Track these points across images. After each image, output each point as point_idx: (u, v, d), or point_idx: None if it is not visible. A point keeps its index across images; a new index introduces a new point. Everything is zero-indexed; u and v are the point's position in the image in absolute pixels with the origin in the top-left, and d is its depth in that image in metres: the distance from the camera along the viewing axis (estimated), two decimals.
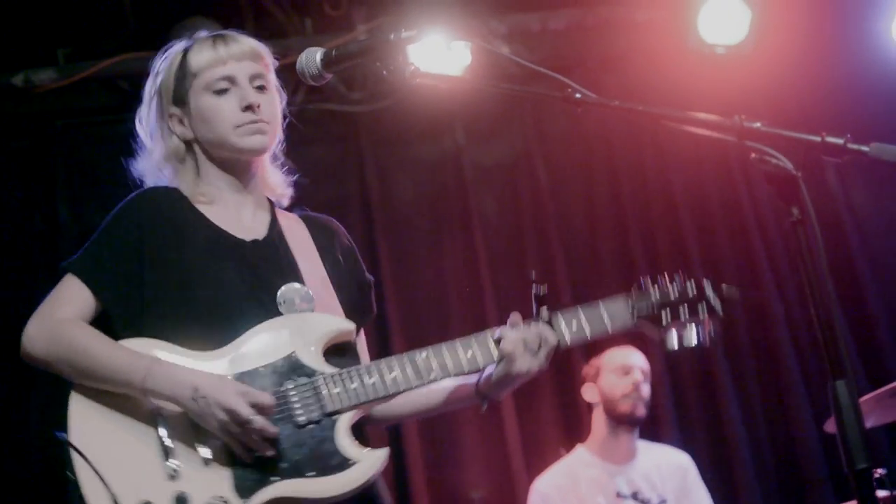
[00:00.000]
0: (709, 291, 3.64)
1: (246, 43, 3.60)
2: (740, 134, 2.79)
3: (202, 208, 3.55)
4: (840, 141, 2.68)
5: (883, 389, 5.16)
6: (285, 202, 3.76)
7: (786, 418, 7.47)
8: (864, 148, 2.66)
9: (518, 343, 3.37)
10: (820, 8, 7.59)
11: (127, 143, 3.75)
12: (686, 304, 3.62)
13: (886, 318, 7.62)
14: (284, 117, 3.68)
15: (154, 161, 3.64)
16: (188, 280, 3.38)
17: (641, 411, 6.49)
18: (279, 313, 3.40)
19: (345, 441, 3.27)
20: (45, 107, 7.06)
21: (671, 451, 6.70)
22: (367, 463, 3.27)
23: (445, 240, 7.60)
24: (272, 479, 3.20)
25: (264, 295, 3.42)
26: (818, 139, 2.69)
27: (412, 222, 7.62)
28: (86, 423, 3.25)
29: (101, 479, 3.11)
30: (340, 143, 7.65)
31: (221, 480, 3.19)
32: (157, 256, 3.40)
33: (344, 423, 3.30)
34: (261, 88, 3.57)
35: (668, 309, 3.61)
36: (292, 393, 3.28)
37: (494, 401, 3.51)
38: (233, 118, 3.50)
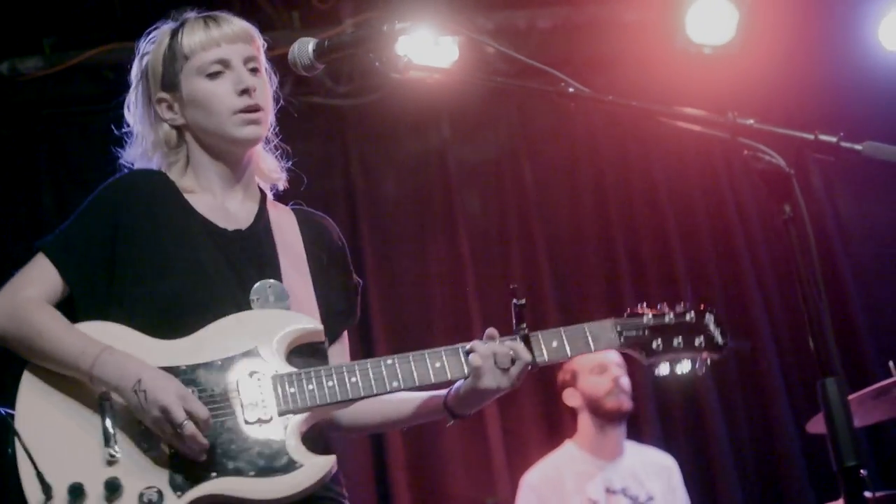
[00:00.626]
0: (711, 326, 3.47)
1: (237, 24, 3.50)
2: (733, 130, 2.78)
3: (188, 196, 3.45)
4: (833, 139, 2.68)
5: (865, 391, 5.17)
6: (281, 185, 3.68)
7: (767, 419, 7.49)
8: (858, 146, 2.66)
9: (487, 358, 3.23)
10: (807, 8, 7.61)
11: (112, 133, 3.65)
12: (682, 336, 3.45)
13: (867, 321, 7.65)
14: (276, 101, 3.60)
15: (143, 149, 3.54)
16: (160, 267, 3.30)
17: (627, 404, 6.51)
18: (250, 308, 3.32)
19: (292, 443, 3.15)
20: (30, 96, 7.03)
21: (657, 453, 6.72)
22: (315, 469, 3.14)
23: (429, 235, 7.60)
24: (211, 474, 3.11)
25: (237, 288, 3.33)
26: (811, 137, 2.69)
27: (397, 217, 7.62)
28: (33, 402, 3.22)
29: (30, 457, 3.07)
30: (326, 138, 7.63)
31: (159, 472, 3.11)
32: (132, 241, 3.32)
33: (295, 424, 3.18)
34: (254, 71, 3.47)
35: (661, 337, 3.44)
36: (246, 389, 3.18)
37: (461, 416, 3.38)
38: (229, 102, 3.40)
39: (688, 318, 3.46)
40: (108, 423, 3.14)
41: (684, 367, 3.43)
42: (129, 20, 6.76)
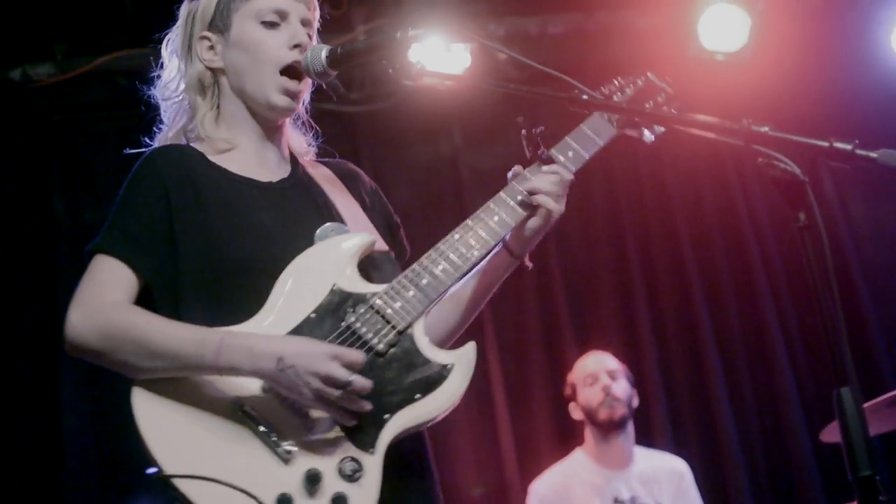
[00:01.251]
0: (658, 81, 3.85)
1: None
2: (748, 138, 2.77)
3: (221, 160, 3.32)
4: (848, 147, 2.65)
5: (880, 399, 5.15)
6: (308, 158, 3.58)
7: (780, 428, 7.47)
8: (873, 154, 2.63)
9: (550, 193, 3.40)
10: (819, 16, 7.60)
11: (124, 139, 3.56)
12: (648, 100, 3.76)
13: (882, 329, 7.62)
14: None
15: (172, 89, 3.43)
16: (221, 234, 3.14)
17: (620, 412, 6.47)
18: None
19: (430, 351, 3.08)
20: (41, 102, 7.03)
21: (668, 457, 6.69)
22: (465, 361, 3.08)
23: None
24: (384, 417, 2.97)
25: (301, 238, 3.20)
26: (826, 144, 2.67)
27: (408, 225, 7.55)
28: (166, 429, 2.92)
29: (237, 487, 2.81)
30: (337, 145, 7.58)
31: (336, 442, 2.95)
32: (185, 217, 3.15)
33: (420, 333, 3.10)
34: (308, 38, 3.40)
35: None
36: (358, 325, 3.06)
37: (527, 254, 3.45)
38: (278, 54, 3.32)
39: (640, 83, 3.82)
40: (258, 419, 2.94)
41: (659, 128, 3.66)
42: (140, 27, 6.76)
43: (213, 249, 3.13)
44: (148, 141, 3.47)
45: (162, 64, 3.51)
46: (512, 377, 7.37)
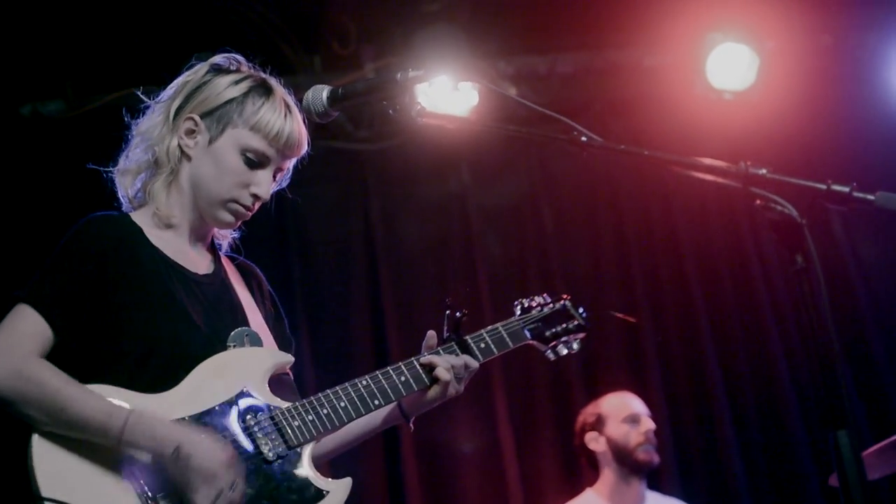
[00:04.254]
0: (574, 310, 4.06)
1: (302, 135, 3.56)
2: (745, 180, 2.76)
3: (157, 238, 3.42)
4: (846, 189, 2.66)
5: (886, 442, 5.10)
6: (224, 245, 3.71)
7: (789, 471, 7.41)
8: (870, 196, 2.64)
9: (449, 370, 3.58)
10: (828, 55, 7.62)
11: None
12: (563, 322, 4.01)
13: (892, 369, 7.57)
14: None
15: (148, 135, 3.50)
16: (150, 316, 3.27)
17: (657, 459, 6.45)
18: None
19: (312, 473, 3.30)
20: (51, 138, 7.04)
21: (677, 503, 6.66)
22: (340, 492, 3.31)
23: (450, 280, 7.58)
24: None
25: (216, 335, 3.38)
26: (824, 187, 2.67)
27: (417, 263, 7.60)
28: (58, 474, 3.06)
29: None
30: (346, 182, 7.64)
31: None
32: (116, 292, 3.25)
33: (307, 455, 3.32)
34: (274, 176, 3.54)
35: (551, 327, 3.98)
36: (256, 429, 3.27)
37: (412, 419, 3.68)
38: (235, 192, 3.45)
39: (558, 306, 4.03)
40: (144, 484, 3.09)
41: (570, 348, 4.03)
42: (150, 64, 6.78)
43: (144, 326, 3.25)
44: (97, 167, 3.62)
45: (158, 98, 3.58)
46: (518, 416, 7.33)
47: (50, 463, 3.07)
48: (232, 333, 3.40)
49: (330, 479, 3.33)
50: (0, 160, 6.90)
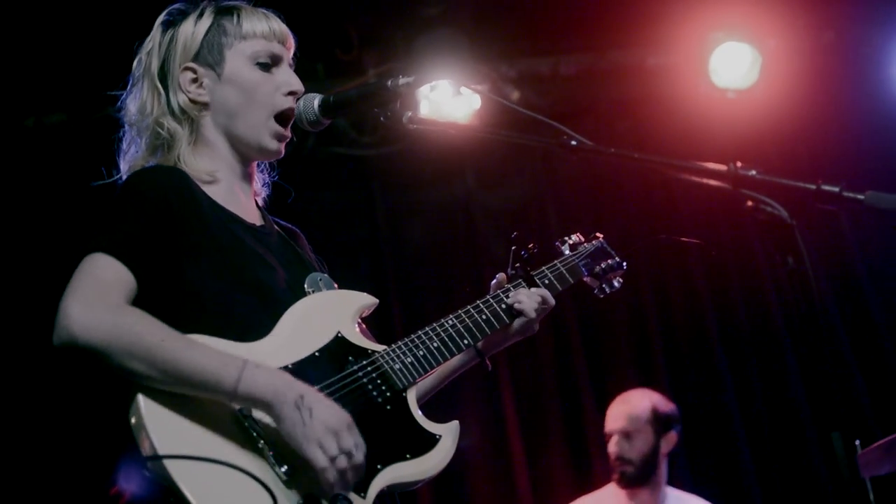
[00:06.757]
0: (611, 250, 4.05)
1: (285, 26, 3.44)
2: (735, 182, 2.75)
3: (205, 188, 3.24)
4: (835, 189, 2.63)
5: (891, 437, 5.08)
6: (259, 202, 3.53)
7: (800, 471, 7.37)
8: (860, 196, 2.61)
9: (533, 308, 3.56)
10: (831, 52, 7.61)
11: None
12: (606, 260, 4.00)
13: None
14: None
15: (147, 113, 3.35)
16: (227, 260, 3.11)
17: (627, 470, 6.39)
18: None
19: (420, 415, 3.19)
20: (54, 149, 7.06)
21: (698, 501, 6.63)
22: (450, 436, 3.19)
23: (455, 284, 7.57)
24: (377, 466, 3.02)
25: (295, 280, 3.26)
26: (813, 187, 2.65)
27: (423, 266, 7.60)
28: (174, 430, 2.82)
29: (242, 469, 2.75)
30: (351, 188, 7.64)
31: None
32: (188, 232, 3.07)
33: (412, 398, 3.21)
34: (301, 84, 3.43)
35: (597, 263, 3.97)
36: (360, 374, 3.13)
37: (487, 357, 3.62)
38: (275, 100, 3.33)
39: (596, 244, 4.03)
40: (263, 441, 2.88)
41: (613, 286, 4.05)
42: None
43: (226, 269, 3.09)
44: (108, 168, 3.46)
45: (130, 82, 3.45)
46: (526, 416, 7.33)
47: (162, 420, 2.82)
48: (307, 278, 3.30)
49: (440, 424, 3.20)
50: (4, 170, 6.92)
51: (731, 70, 7.33)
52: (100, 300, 2.85)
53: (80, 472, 5.86)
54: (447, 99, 6.99)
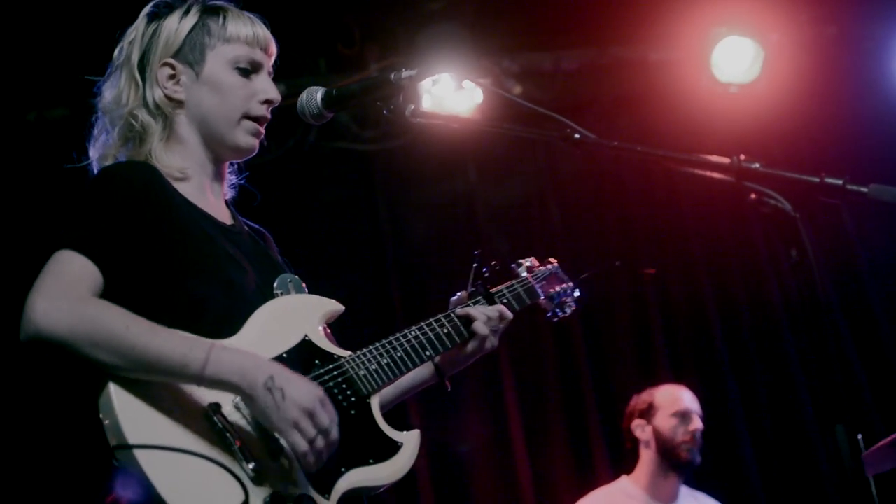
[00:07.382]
0: (564, 276, 4.12)
1: (269, 33, 3.43)
2: (739, 174, 2.75)
3: (176, 185, 3.22)
4: (839, 182, 2.64)
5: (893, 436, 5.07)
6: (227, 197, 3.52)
7: (802, 467, 7.35)
8: (863, 189, 2.61)
9: (487, 323, 3.57)
10: (834, 46, 7.61)
11: None
12: (560, 284, 4.08)
13: None
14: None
15: (122, 103, 3.32)
16: (198, 257, 3.10)
17: (699, 460, 6.39)
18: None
19: (383, 423, 3.22)
20: (56, 144, 7.05)
21: (710, 500, 6.62)
22: (412, 444, 3.23)
23: (458, 278, 7.54)
24: (340, 469, 3.06)
25: (264, 281, 3.26)
26: (816, 180, 2.65)
27: (425, 261, 7.59)
28: (143, 419, 2.81)
29: (212, 459, 2.80)
30: (353, 182, 7.64)
31: (297, 477, 2.95)
32: (159, 228, 3.05)
33: (376, 405, 3.23)
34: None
35: (553, 287, 4.03)
36: (326, 377, 3.13)
37: (448, 378, 3.64)
38: (248, 105, 3.32)
39: (552, 268, 4.09)
40: (231, 436, 2.87)
41: (564, 312, 4.10)
42: None
43: (197, 266, 3.09)
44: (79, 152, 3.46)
45: (109, 70, 3.43)
46: (528, 412, 7.33)
47: (133, 410, 2.81)
48: (277, 280, 3.30)
49: (399, 431, 3.23)
50: (6, 165, 6.92)
51: (734, 65, 7.34)
52: (64, 294, 2.85)
53: (63, 475, 5.86)
54: (449, 93, 6.99)
